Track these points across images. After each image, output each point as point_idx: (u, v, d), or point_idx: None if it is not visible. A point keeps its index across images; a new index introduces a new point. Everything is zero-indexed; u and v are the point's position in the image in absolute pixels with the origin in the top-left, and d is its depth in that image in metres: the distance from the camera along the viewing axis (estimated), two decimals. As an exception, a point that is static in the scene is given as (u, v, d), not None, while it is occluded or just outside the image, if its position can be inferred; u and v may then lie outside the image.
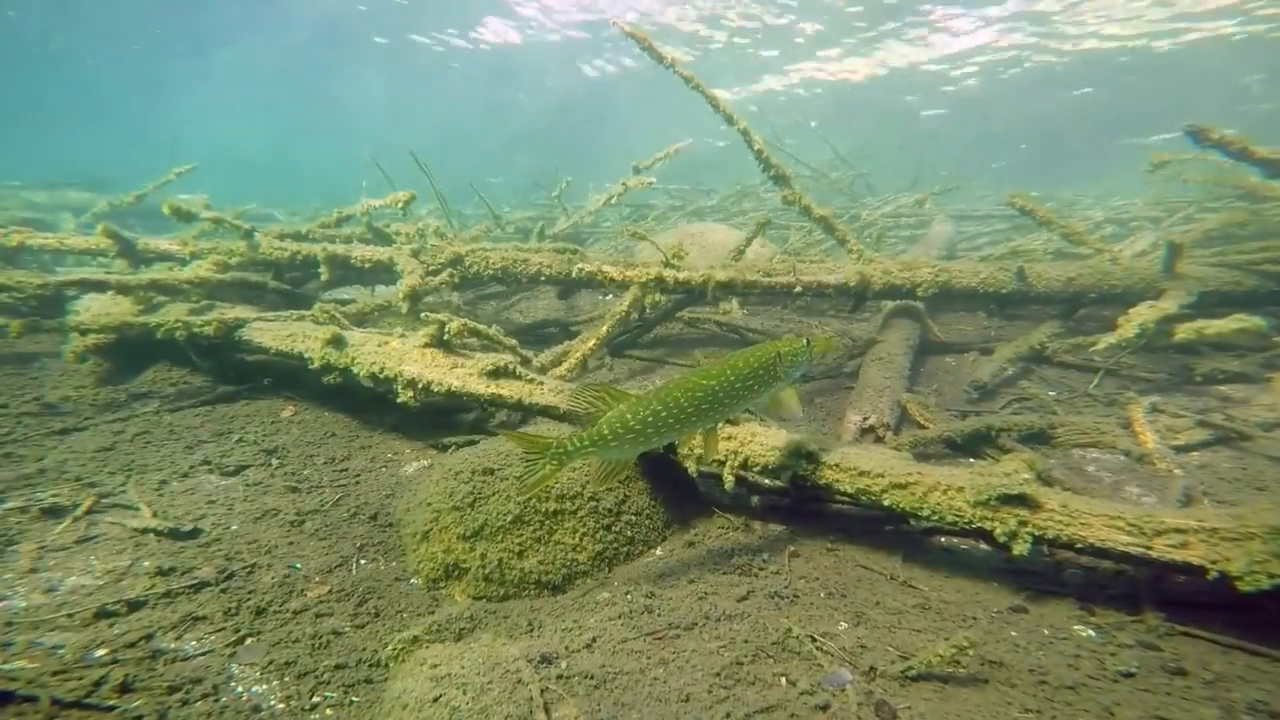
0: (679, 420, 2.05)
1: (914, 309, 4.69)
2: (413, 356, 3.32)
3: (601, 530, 2.60)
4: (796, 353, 2.18)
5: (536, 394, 3.07)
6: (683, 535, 2.71)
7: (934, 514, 2.29)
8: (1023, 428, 3.34)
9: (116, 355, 3.79)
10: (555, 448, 2.04)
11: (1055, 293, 4.41)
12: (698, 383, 2.06)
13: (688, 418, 2.06)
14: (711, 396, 2.06)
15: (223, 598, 2.22)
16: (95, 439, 3.09)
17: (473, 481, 2.65)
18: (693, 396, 2.05)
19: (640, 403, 2.04)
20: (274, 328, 3.70)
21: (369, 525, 2.76)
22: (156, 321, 3.48)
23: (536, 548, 2.53)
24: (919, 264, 4.29)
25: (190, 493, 2.80)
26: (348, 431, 3.53)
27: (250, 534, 2.58)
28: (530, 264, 4.85)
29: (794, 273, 3.94)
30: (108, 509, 2.62)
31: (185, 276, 4.02)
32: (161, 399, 3.61)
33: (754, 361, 2.12)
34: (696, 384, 2.06)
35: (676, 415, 2.04)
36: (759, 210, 9.84)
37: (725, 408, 2.11)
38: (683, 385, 2.06)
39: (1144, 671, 1.85)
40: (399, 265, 4.28)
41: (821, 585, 2.33)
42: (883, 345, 4.20)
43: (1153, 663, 1.90)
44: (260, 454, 3.16)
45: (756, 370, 2.12)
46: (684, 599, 2.26)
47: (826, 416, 3.84)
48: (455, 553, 2.53)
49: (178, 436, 3.24)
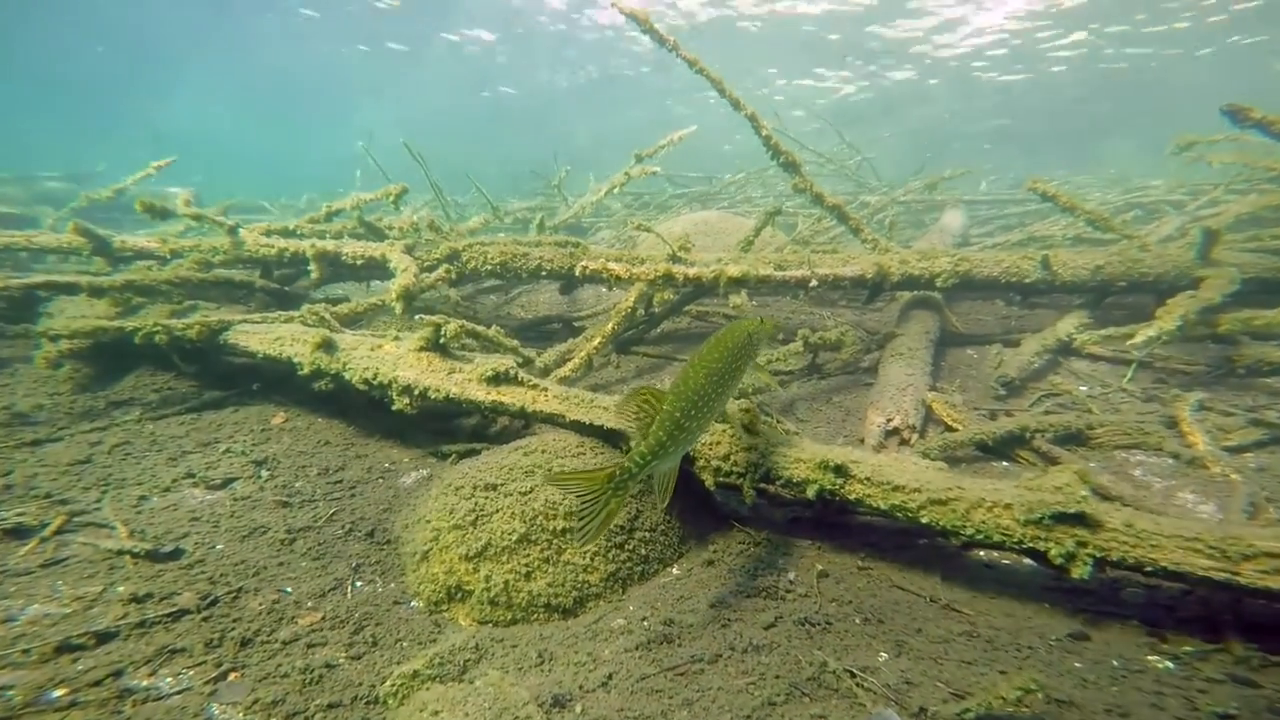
0: (708, 406, 1.98)
1: (932, 299, 4.48)
2: (408, 361, 3.11)
3: (614, 549, 2.41)
4: (761, 331, 2.25)
5: (540, 401, 2.87)
6: (701, 552, 2.53)
7: (978, 533, 2.11)
8: (1059, 428, 3.15)
9: (95, 360, 3.58)
10: (619, 475, 1.84)
11: (1082, 281, 4.20)
12: (707, 365, 2.02)
13: (712, 402, 2.00)
14: (720, 376, 2.02)
15: (204, 627, 2.04)
16: (69, 450, 2.89)
17: (475, 497, 2.46)
18: (709, 378, 1.99)
19: (677, 397, 1.93)
20: (261, 330, 3.49)
21: (365, 543, 2.57)
22: (134, 326, 3.27)
23: (545, 569, 2.34)
24: (937, 253, 4.08)
25: (172, 509, 2.61)
26: (342, 439, 3.33)
27: (237, 554, 2.40)
28: (530, 259, 4.63)
29: (808, 265, 3.73)
30: (80, 528, 2.43)
31: (164, 276, 3.80)
32: (143, 406, 3.41)
33: (734, 339, 2.13)
34: (707, 366, 2.02)
35: (706, 401, 1.97)
36: (765, 198, 9.59)
37: (731, 387, 2.09)
38: (697, 369, 2.01)
39: (1246, 713, 1.66)
40: (392, 262, 4.06)
41: (855, 609, 2.16)
42: (902, 339, 4.00)
43: (1256, 702, 1.70)
44: (249, 465, 2.97)
45: (740, 346, 2.14)
46: (706, 626, 2.08)
47: (845, 416, 3.65)
48: (458, 574, 2.34)
49: (160, 447, 3.04)
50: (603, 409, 2.74)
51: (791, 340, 4.37)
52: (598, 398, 2.82)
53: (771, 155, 4.03)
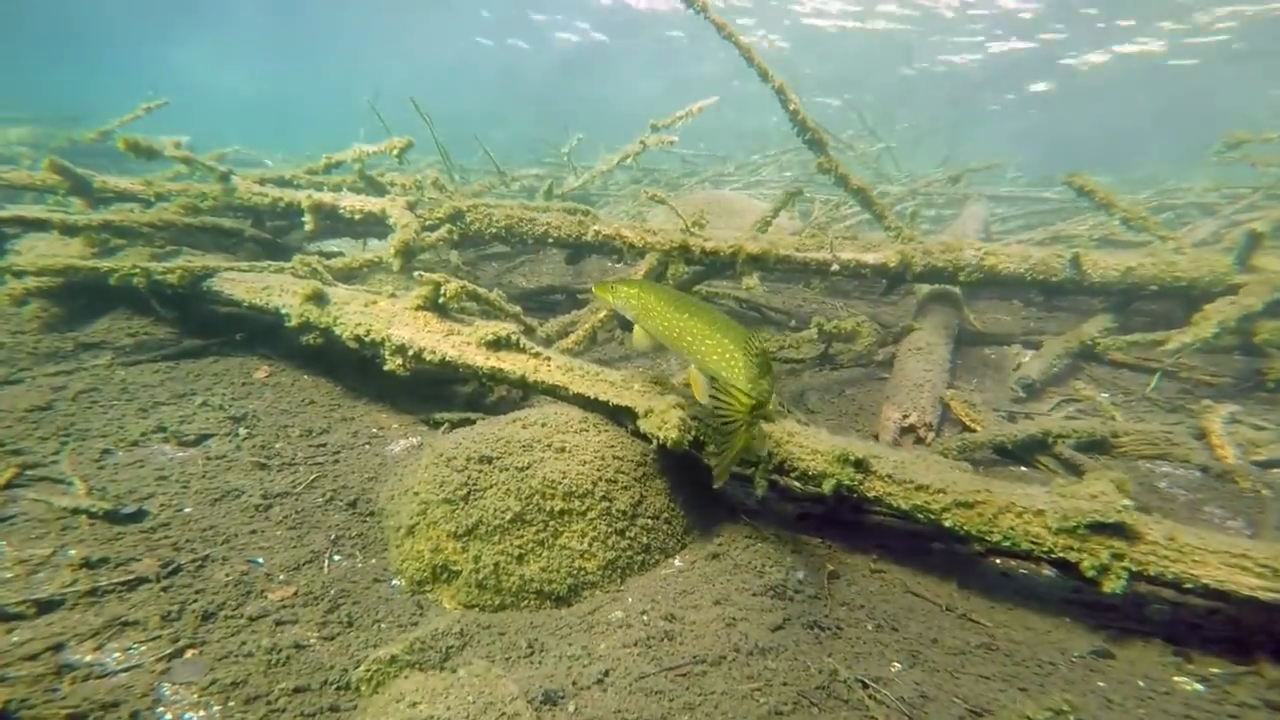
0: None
1: (952, 294, 4.27)
2: (403, 319, 2.89)
3: (615, 535, 2.23)
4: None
5: (543, 371, 2.67)
6: (705, 544, 2.35)
7: (1006, 539, 1.94)
8: (1082, 435, 2.97)
9: (67, 301, 3.34)
10: (754, 407, 1.83)
11: (1111, 283, 3.99)
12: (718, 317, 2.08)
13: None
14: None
15: (163, 598, 1.85)
16: (29, 395, 2.68)
17: (468, 470, 2.27)
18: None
19: (738, 334, 1.95)
20: (248, 279, 3.26)
21: (347, 513, 2.38)
22: (109, 266, 3.03)
23: (539, 552, 2.16)
24: (962, 245, 3.86)
25: (138, 465, 2.41)
26: (328, 399, 3.13)
27: (206, 519, 2.20)
28: (538, 224, 4.38)
29: (830, 249, 3.51)
30: (33, 483, 2.23)
31: (146, 219, 3.54)
32: (116, 350, 3.18)
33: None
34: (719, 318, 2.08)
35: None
36: (778, 179, 9.28)
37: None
38: (718, 318, 2.07)
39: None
40: (392, 218, 3.81)
41: (868, 614, 1.99)
42: (920, 334, 3.80)
43: (1300, 737, 1.57)
44: (226, 421, 2.77)
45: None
46: (709, 624, 1.91)
47: (858, 410, 3.46)
48: (445, 552, 2.16)
49: (130, 396, 2.83)
50: (609, 383, 2.54)
51: (803, 327, 4.16)
52: (604, 371, 2.62)
53: (798, 131, 3.77)
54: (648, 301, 2.20)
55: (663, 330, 2.15)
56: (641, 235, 3.28)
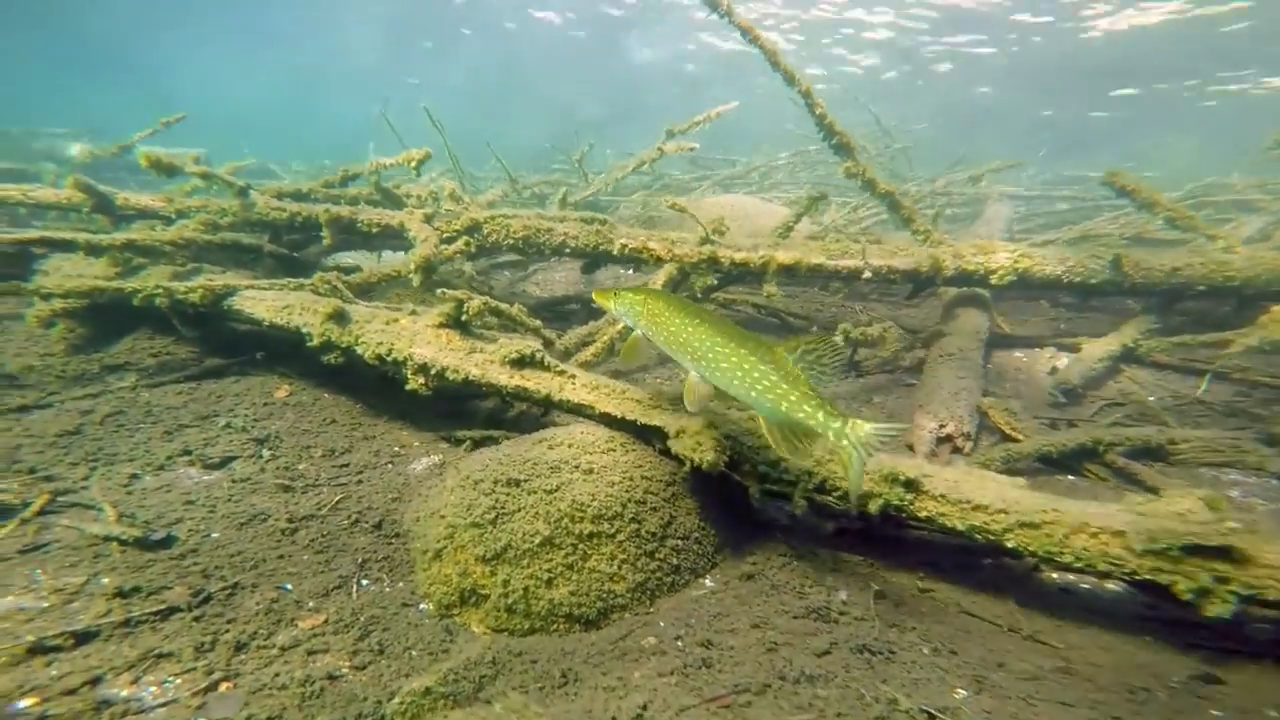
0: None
1: (981, 297, 4.18)
2: (425, 337, 2.88)
3: (644, 557, 2.20)
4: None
5: (568, 389, 2.64)
6: (737, 564, 2.31)
7: (1079, 560, 1.87)
8: (1136, 442, 2.87)
9: (91, 320, 3.37)
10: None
11: (1155, 284, 3.88)
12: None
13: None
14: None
15: (195, 628, 1.84)
16: (58, 420, 2.69)
17: (495, 494, 2.24)
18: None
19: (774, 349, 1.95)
20: (269, 297, 3.26)
21: (372, 536, 2.37)
22: (133, 287, 3.05)
23: (568, 575, 2.13)
24: (994, 248, 3.77)
25: (165, 490, 2.41)
26: (349, 418, 3.12)
27: (234, 544, 2.20)
28: (554, 234, 4.35)
29: (862, 255, 3.45)
30: (65, 509, 2.23)
31: (168, 237, 3.56)
32: (140, 372, 3.20)
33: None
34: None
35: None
36: (791, 184, 9.20)
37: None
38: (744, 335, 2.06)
39: None
40: (411, 232, 3.80)
41: (921, 637, 1.93)
42: (951, 339, 3.72)
43: None
44: (250, 443, 2.76)
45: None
46: (749, 650, 1.87)
47: (888, 419, 3.39)
48: (473, 576, 2.14)
49: (155, 419, 2.83)
50: (635, 401, 2.51)
51: (825, 334, 4.09)
52: (630, 389, 2.59)
53: (824, 136, 3.72)
54: (656, 309, 2.14)
55: (671, 339, 2.09)
56: (668, 248, 3.24)
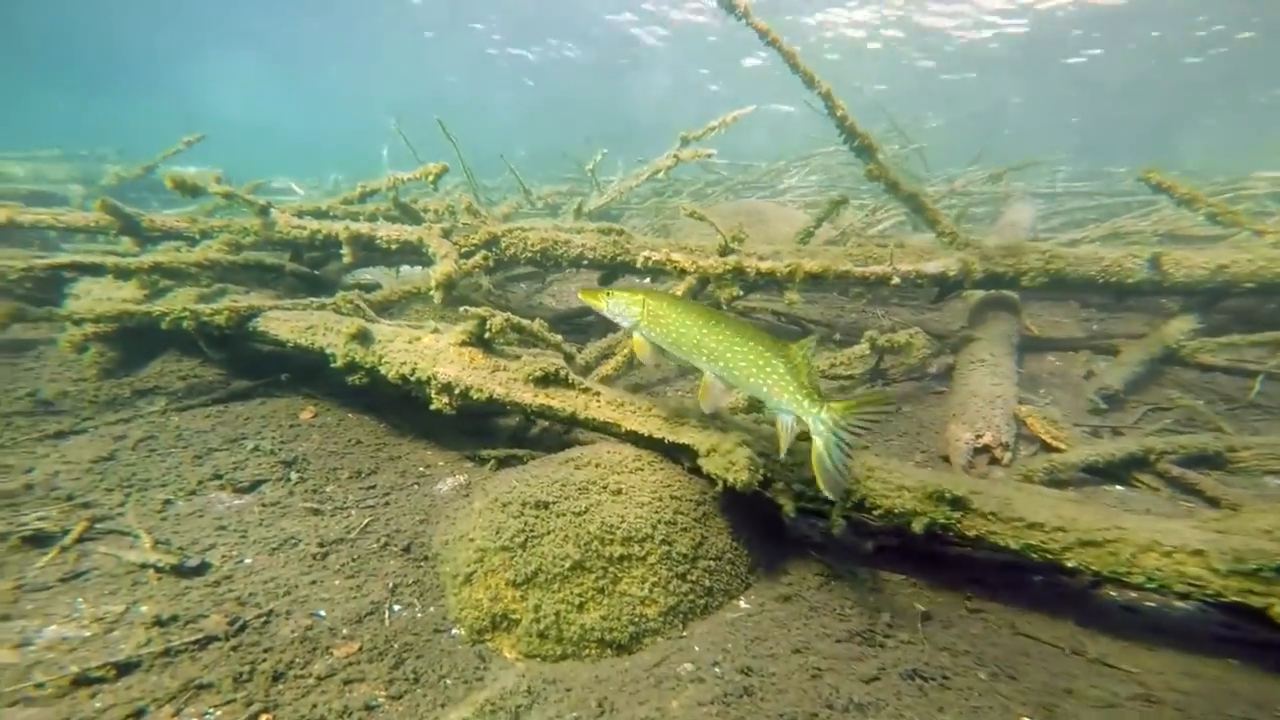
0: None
1: (1009, 300, 4.09)
2: (448, 356, 2.88)
3: (676, 579, 2.17)
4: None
5: (593, 407, 2.62)
6: (773, 585, 2.27)
7: (1152, 581, 1.79)
8: (1191, 449, 2.77)
9: (121, 343, 3.42)
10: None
11: (1197, 283, 3.75)
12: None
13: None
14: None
15: (233, 657, 1.84)
16: (93, 446, 2.73)
17: (524, 516, 2.23)
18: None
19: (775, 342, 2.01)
20: (292, 318, 3.29)
21: (402, 559, 2.36)
22: (161, 310, 3.09)
23: (599, 599, 2.11)
24: (1024, 249, 3.69)
25: (198, 515, 2.43)
26: (373, 438, 3.13)
27: (266, 570, 2.20)
28: (572, 246, 4.36)
29: (890, 261, 3.39)
30: (102, 535, 2.26)
31: (193, 259, 3.61)
32: (169, 395, 3.24)
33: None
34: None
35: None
36: (803, 187, 9.13)
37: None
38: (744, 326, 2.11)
39: None
40: (430, 248, 3.82)
41: (975, 660, 1.86)
42: (981, 344, 3.64)
43: None
44: (278, 466, 2.78)
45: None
46: (792, 676, 1.82)
47: (919, 429, 3.33)
48: (504, 601, 2.12)
49: (186, 443, 2.86)
50: (662, 419, 2.48)
51: (846, 339, 4.04)
52: (656, 405, 2.56)
53: (845, 139, 3.67)
54: (657, 309, 2.14)
55: (677, 339, 2.09)
56: (692, 260, 3.21)
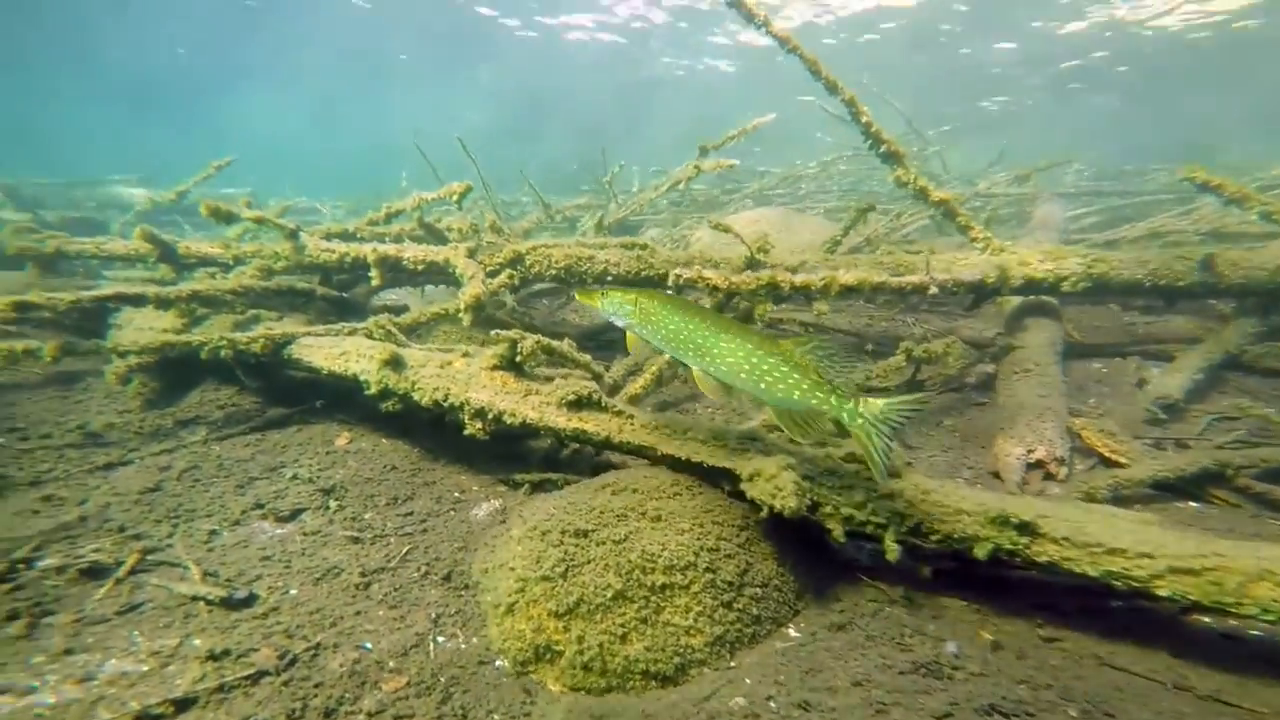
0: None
1: (1049, 305, 3.98)
2: (480, 381, 2.89)
3: (721, 608, 2.13)
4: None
5: (627, 430, 2.60)
6: (823, 612, 2.21)
7: (1268, 613, 1.71)
8: (1274, 462, 2.64)
9: (161, 373, 3.51)
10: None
11: (1256, 284, 3.59)
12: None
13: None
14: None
15: (285, 693, 1.86)
16: (140, 477, 2.80)
17: (564, 545, 2.22)
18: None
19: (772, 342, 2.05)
20: (325, 344, 3.34)
21: (443, 588, 2.37)
22: (200, 340, 3.16)
23: (643, 630, 2.08)
24: (1064, 254, 3.60)
25: (243, 545, 2.47)
26: (408, 463, 3.16)
27: (311, 601, 2.23)
28: (596, 262, 4.36)
29: (926, 270, 3.33)
30: (153, 567, 2.30)
31: (228, 286, 3.70)
32: (209, 425, 3.31)
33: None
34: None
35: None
36: (821, 193, 9.05)
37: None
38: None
39: None
40: (458, 269, 3.85)
41: (1061, 695, 1.77)
42: (1025, 352, 3.54)
43: None
44: (317, 494, 2.82)
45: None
46: (855, 712, 1.77)
47: (963, 443, 3.23)
48: (547, 632, 2.11)
49: (227, 472, 2.92)
50: (699, 442, 2.45)
51: (878, 350, 3.96)
52: (692, 427, 2.54)
53: (870, 145, 3.63)
54: (649, 308, 2.19)
55: (673, 337, 2.15)
56: (725, 277, 3.18)
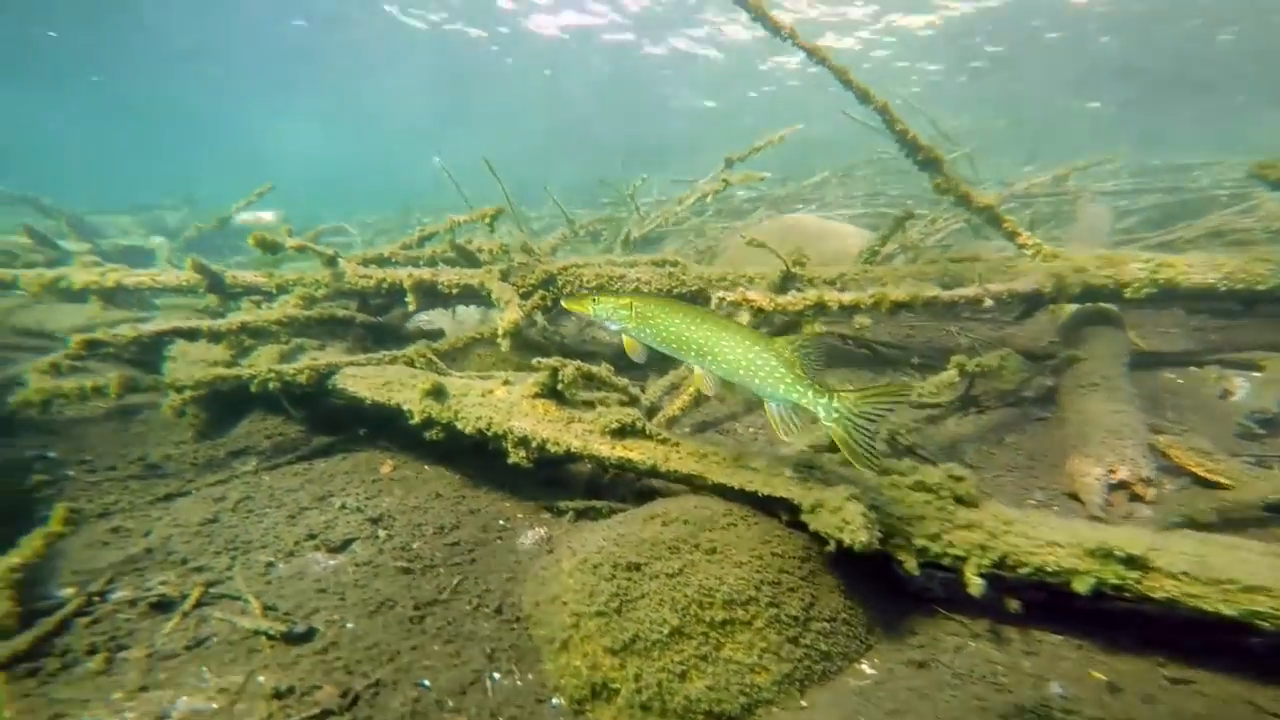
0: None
1: (1109, 313, 3.81)
2: (522, 409, 2.90)
3: (788, 644, 2.08)
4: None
5: (674, 459, 2.58)
6: (899, 646, 2.14)
7: None
8: None
9: (211, 404, 3.61)
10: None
11: None
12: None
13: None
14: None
15: (348, 734, 1.87)
16: (198, 508, 2.87)
17: (616, 579, 2.19)
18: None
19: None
20: (368, 374, 3.40)
21: (495, 621, 2.37)
22: (249, 374, 3.25)
23: (703, 667, 2.05)
24: (1124, 259, 3.46)
25: (298, 577, 2.51)
26: (451, 490, 3.18)
27: (368, 635, 2.25)
28: (627, 280, 4.36)
29: (979, 282, 3.25)
30: (215, 600, 2.35)
31: (274, 317, 3.80)
32: (259, 455, 3.39)
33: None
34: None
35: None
36: (848, 201, 8.94)
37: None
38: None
39: None
40: (493, 293, 3.89)
41: None
42: (1087, 364, 3.39)
43: None
44: (365, 523, 2.85)
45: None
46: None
47: (1031, 463, 3.10)
48: (603, 669, 2.09)
49: (279, 503, 2.98)
50: (753, 470, 2.42)
51: (924, 363, 3.85)
52: (743, 453, 2.50)
53: (907, 153, 3.56)
54: (644, 310, 2.24)
55: (667, 338, 2.21)
56: (771, 299, 3.14)
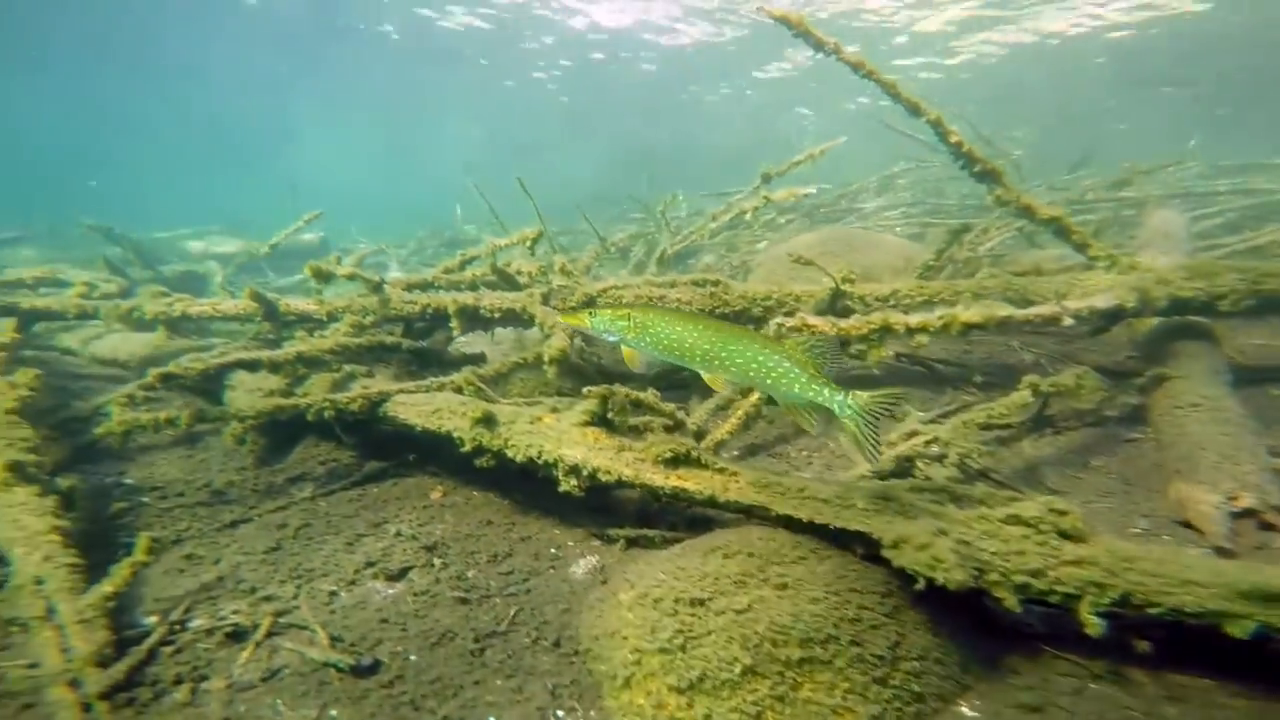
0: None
1: (1200, 327, 3.61)
2: (572, 437, 2.90)
3: (874, 685, 2.00)
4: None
5: (733, 489, 2.54)
6: (1002, 687, 2.03)
7: None
8: None
9: (269, 431, 3.73)
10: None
11: None
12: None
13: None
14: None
15: (419, 772, 1.87)
16: (262, 536, 2.95)
17: (678, 615, 2.15)
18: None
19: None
20: (418, 402, 3.45)
21: (554, 655, 2.35)
22: (306, 403, 3.34)
23: (779, 709, 1.98)
24: (1215, 269, 3.28)
25: (361, 607, 2.55)
26: (502, 517, 3.20)
27: (432, 668, 2.25)
28: (668, 301, 4.35)
29: (1056, 299, 3.12)
30: (284, 629, 2.40)
31: (326, 346, 3.91)
32: (314, 481, 3.48)
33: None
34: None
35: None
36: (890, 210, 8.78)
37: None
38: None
39: None
40: (537, 317, 3.93)
41: None
42: (1183, 383, 3.19)
43: None
44: (421, 551, 2.88)
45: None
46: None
47: (1126, 489, 2.94)
48: (669, 709, 2.04)
49: (336, 529, 3.04)
50: (821, 501, 2.35)
51: (988, 381, 3.71)
52: (808, 484, 2.44)
53: (963, 165, 3.47)
54: (645, 321, 2.24)
55: (670, 347, 2.20)
56: (833, 324, 3.07)
